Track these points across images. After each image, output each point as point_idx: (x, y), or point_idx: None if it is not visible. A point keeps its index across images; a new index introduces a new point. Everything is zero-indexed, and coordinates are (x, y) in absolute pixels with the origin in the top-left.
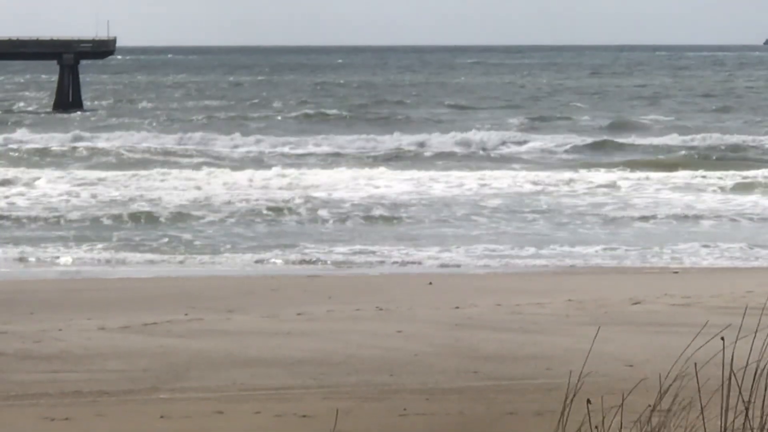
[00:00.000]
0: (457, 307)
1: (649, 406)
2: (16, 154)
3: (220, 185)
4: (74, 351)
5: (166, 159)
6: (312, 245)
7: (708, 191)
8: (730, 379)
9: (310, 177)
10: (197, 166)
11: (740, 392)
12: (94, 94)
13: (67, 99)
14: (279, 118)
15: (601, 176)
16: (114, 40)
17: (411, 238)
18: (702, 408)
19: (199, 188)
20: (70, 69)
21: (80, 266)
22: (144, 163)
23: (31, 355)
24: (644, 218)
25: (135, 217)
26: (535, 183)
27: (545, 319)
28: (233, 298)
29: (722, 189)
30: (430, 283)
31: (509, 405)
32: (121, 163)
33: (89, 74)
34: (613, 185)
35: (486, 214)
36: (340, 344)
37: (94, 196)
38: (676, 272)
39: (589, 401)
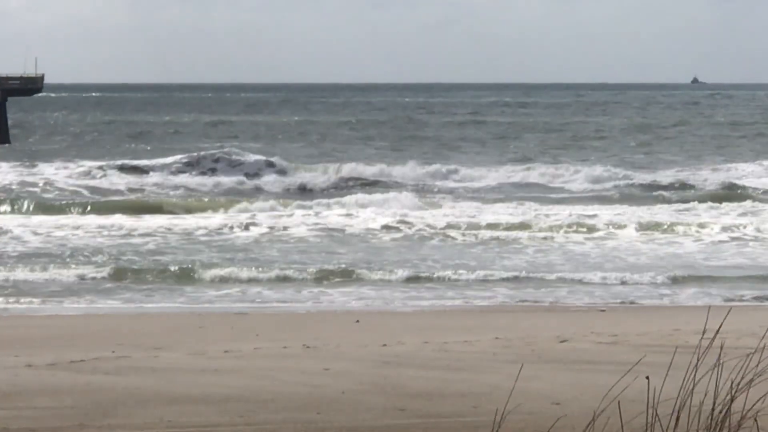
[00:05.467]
0: (385, 345)
1: None
2: None
3: None
4: (1, 388)
5: None
6: None
7: None
8: (654, 417)
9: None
10: None
11: (664, 430)
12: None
13: None
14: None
15: None
16: (42, 78)
17: None
18: None
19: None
20: None
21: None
22: None
23: None
24: None
25: None
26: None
27: (472, 356)
28: (160, 335)
29: None
30: (357, 321)
31: None
32: None
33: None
34: None
35: None
36: (268, 381)
37: None
38: (603, 310)
39: None
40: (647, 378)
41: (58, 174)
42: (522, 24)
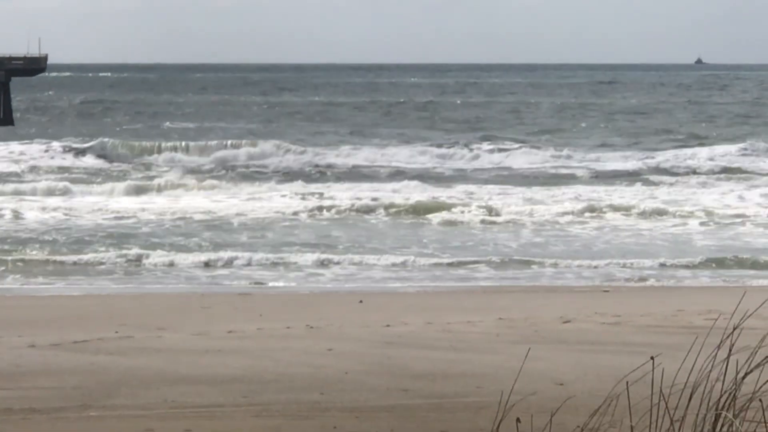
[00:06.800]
0: (388, 326)
1: (578, 426)
2: None
3: None
4: (5, 368)
5: None
6: None
7: None
8: (659, 398)
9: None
10: None
11: (669, 412)
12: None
13: None
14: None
15: None
16: (45, 58)
17: None
18: (632, 428)
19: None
20: (2, 86)
21: None
22: None
23: None
24: None
25: None
26: None
27: (476, 337)
28: (164, 315)
29: None
30: (361, 301)
31: (440, 423)
32: None
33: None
34: None
35: None
36: (271, 362)
37: None
38: (607, 291)
39: (518, 420)
40: (652, 358)
41: None
42: (525, 4)
